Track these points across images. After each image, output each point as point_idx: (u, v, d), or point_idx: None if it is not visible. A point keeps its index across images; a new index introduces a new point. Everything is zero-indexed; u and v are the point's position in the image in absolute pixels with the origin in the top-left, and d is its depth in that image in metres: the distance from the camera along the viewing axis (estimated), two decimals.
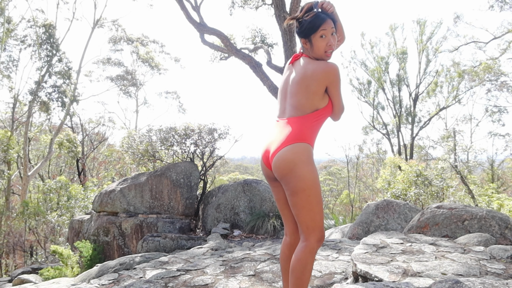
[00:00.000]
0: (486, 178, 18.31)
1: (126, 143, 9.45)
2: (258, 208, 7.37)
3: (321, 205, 1.91)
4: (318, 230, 1.84)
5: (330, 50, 1.94)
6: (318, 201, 1.86)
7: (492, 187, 12.03)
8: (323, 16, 1.92)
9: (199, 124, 8.67)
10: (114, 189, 7.93)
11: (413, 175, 9.72)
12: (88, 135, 21.73)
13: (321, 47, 1.94)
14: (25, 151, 16.21)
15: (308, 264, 1.81)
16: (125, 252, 7.34)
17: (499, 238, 3.37)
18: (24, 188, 16.13)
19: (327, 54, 1.95)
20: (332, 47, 1.93)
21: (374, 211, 5.23)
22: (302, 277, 1.80)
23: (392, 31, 19.58)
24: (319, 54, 1.96)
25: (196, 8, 10.09)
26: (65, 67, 16.78)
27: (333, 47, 1.94)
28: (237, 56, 10.00)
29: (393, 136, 20.38)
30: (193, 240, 6.56)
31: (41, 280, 6.68)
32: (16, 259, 14.29)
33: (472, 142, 18.43)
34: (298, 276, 1.80)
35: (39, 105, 16.26)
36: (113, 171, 22.24)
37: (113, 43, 22.95)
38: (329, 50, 1.94)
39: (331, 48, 1.93)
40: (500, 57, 16.19)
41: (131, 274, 3.78)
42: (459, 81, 18.23)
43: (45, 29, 16.26)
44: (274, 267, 3.31)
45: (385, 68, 19.63)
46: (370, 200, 17.30)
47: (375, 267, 2.55)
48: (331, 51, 1.95)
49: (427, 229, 3.73)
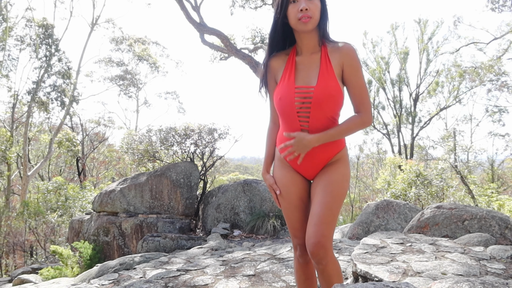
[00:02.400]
0: (486, 178, 18.30)
1: (126, 143, 9.45)
2: (258, 208, 7.37)
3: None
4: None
5: (305, 17, 1.56)
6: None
7: (492, 187, 12.02)
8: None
9: (199, 124, 8.67)
10: (114, 189, 7.93)
11: (413, 175, 9.72)
12: (88, 135, 21.73)
13: (292, 14, 1.59)
14: (25, 151, 16.20)
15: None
16: (125, 252, 7.34)
17: (499, 238, 3.37)
18: (24, 188, 16.13)
19: (302, 20, 1.57)
20: (305, 12, 1.55)
21: (374, 211, 5.23)
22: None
23: (393, 30, 19.57)
24: (293, 24, 1.61)
25: (196, 8, 10.09)
26: (64, 67, 16.76)
27: (309, 13, 1.56)
28: (237, 56, 10.01)
29: (393, 136, 20.37)
30: (193, 240, 6.56)
31: (41, 280, 6.68)
32: (16, 259, 14.28)
33: (472, 142, 18.43)
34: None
35: (38, 105, 16.24)
36: (113, 171, 22.25)
37: (114, 43, 22.95)
38: (301, 17, 1.57)
39: (305, 14, 1.56)
40: (501, 56, 16.18)
41: (131, 274, 3.78)
42: (460, 81, 18.23)
43: (44, 28, 16.26)
44: (274, 267, 3.31)
45: (385, 67, 19.62)
46: (370, 200, 17.29)
47: (375, 267, 2.55)
48: (306, 17, 1.56)
49: (427, 229, 3.73)
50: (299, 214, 1.73)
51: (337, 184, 1.63)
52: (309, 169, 1.71)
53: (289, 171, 1.73)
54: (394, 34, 19.55)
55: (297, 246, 1.77)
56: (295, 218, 1.74)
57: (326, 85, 1.59)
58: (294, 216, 1.74)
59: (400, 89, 19.74)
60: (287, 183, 1.72)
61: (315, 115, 1.61)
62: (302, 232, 1.72)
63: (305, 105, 1.61)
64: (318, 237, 1.52)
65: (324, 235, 1.53)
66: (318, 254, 1.52)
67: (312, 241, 1.53)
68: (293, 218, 1.74)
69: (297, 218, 1.73)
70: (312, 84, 1.61)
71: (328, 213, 1.56)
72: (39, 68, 16.39)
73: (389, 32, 19.74)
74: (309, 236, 1.55)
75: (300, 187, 1.73)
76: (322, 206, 1.57)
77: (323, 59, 1.64)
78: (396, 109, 19.72)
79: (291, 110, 1.63)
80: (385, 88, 19.84)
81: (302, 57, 1.68)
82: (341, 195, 1.63)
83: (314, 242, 1.52)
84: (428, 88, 19.31)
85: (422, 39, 19.05)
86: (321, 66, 1.63)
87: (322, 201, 1.59)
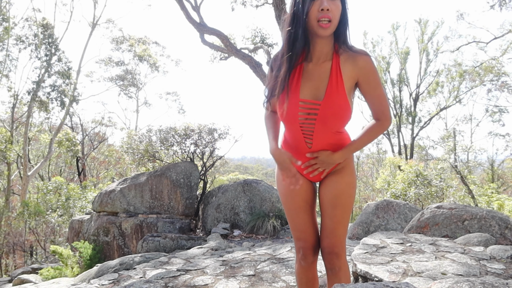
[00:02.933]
0: (486, 178, 18.31)
1: (126, 143, 9.45)
2: (258, 208, 7.37)
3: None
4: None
5: (325, 19, 1.33)
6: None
7: (492, 187, 12.02)
8: None
9: (199, 124, 8.67)
10: (114, 189, 7.93)
11: (413, 175, 9.72)
12: (88, 135, 21.74)
13: (312, 13, 1.35)
14: (25, 151, 16.21)
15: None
16: (125, 252, 7.34)
17: (499, 238, 3.37)
18: (24, 188, 16.13)
19: (321, 24, 1.35)
20: (326, 12, 1.33)
21: (374, 211, 5.23)
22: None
23: (394, 30, 19.57)
24: (311, 25, 1.38)
25: (196, 8, 10.09)
26: (64, 67, 16.75)
27: (329, 14, 1.34)
28: (237, 56, 10.01)
29: (393, 136, 20.38)
30: (193, 240, 6.56)
31: (41, 280, 6.68)
32: (16, 259, 14.29)
33: (472, 142, 18.44)
34: None
35: (38, 105, 16.24)
36: (113, 171, 22.25)
37: (115, 43, 22.96)
38: (322, 18, 1.34)
39: (325, 15, 1.33)
40: (502, 56, 16.18)
41: (131, 274, 3.78)
42: (460, 81, 18.23)
43: (44, 28, 16.25)
44: (274, 267, 3.31)
45: (386, 67, 19.63)
46: (370, 200, 17.30)
47: (375, 267, 2.55)
48: (327, 19, 1.34)
49: (427, 229, 3.73)
50: (304, 216, 1.70)
51: (344, 197, 1.64)
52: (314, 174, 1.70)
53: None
54: (395, 34, 19.56)
55: (300, 249, 1.73)
56: (300, 220, 1.70)
57: (334, 102, 1.46)
58: (299, 218, 1.70)
59: (400, 89, 19.75)
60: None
61: (320, 129, 1.53)
62: (306, 235, 1.70)
63: (309, 120, 1.52)
64: (331, 248, 1.64)
65: (337, 246, 1.65)
66: (334, 263, 1.65)
67: (326, 251, 1.66)
68: (297, 220, 1.70)
69: (302, 220, 1.70)
70: (319, 99, 1.48)
71: (339, 226, 1.65)
72: (39, 68, 16.40)
73: (390, 32, 19.76)
74: (323, 246, 1.67)
75: (305, 189, 1.68)
76: (334, 220, 1.64)
77: (333, 70, 1.47)
78: (396, 109, 19.74)
79: (294, 122, 1.55)
80: (385, 88, 19.84)
81: (312, 65, 1.51)
82: (349, 205, 1.67)
83: (328, 251, 1.65)
84: (428, 88, 19.33)
85: (422, 39, 19.06)
86: (330, 79, 1.47)
87: (332, 215, 1.64)
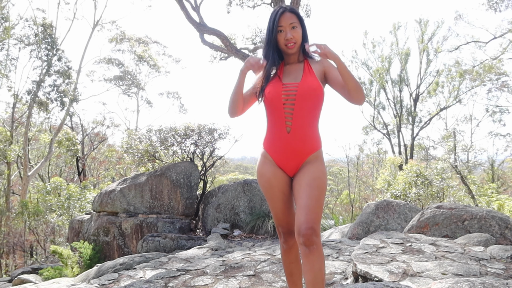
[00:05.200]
0: (486, 178, 18.29)
1: (126, 143, 9.46)
2: (258, 208, 7.37)
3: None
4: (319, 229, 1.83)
5: (290, 43, 1.92)
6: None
7: (492, 187, 12.02)
8: (278, 11, 1.93)
9: (199, 124, 8.67)
10: (114, 189, 7.93)
11: (413, 175, 9.72)
12: (88, 135, 21.74)
13: (280, 41, 1.95)
14: (25, 151, 16.20)
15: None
16: (125, 252, 7.34)
17: (499, 238, 3.37)
18: (24, 188, 16.13)
19: (288, 46, 1.94)
20: (290, 40, 1.92)
21: (374, 211, 5.23)
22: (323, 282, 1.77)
23: (395, 30, 19.55)
24: (282, 47, 1.97)
25: (196, 8, 10.09)
26: (64, 66, 16.73)
27: (293, 40, 1.92)
28: (237, 56, 10.01)
29: (393, 136, 20.37)
30: (193, 240, 6.56)
31: (41, 280, 6.68)
32: (16, 259, 14.29)
33: (472, 142, 18.41)
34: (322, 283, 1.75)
35: (37, 105, 16.23)
36: (113, 171, 22.26)
37: (115, 44, 22.94)
38: (288, 44, 1.93)
39: (290, 41, 1.92)
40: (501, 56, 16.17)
41: (131, 274, 3.78)
42: (460, 81, 18.21)
43: (44, 28, 16.24)
44: (274, 267, 3.31)
45: (387, 68, 19.62)
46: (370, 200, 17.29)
47: (375, 267, 2.55)
48: (291, 43, 1.93)
49: (427, 229, 3.73)
50: (282, 205, 1.96)
51: (320, 180, 1.85)
52: (290, 164, 1.92)
53: (272, 167, 1.95)
54: (396, 34, 19.54)
55: (281, 233, 2.02)
56: (279, 209, 1.97)
57: (309, 82, 1.90)
58: (278, 206, 1.97)
59: (401, 89, 19.74)
60: (270, 177, 1.94)
61: (299, 110, 1.88)
62: (284, 221, 1.98)
63: (290, 98, 1.89)
64: (310, 223, 1.74)
65: (315, 222, 1.76)
66: (311, 237, 1.74)
67: (304, 226, 1.75)
68: (277, 209, 1.97)
69: (280, 208, 1.96)
70: (297, 81, 1.92)
71: (316, 205, 1.80)
72: (39, 67, 16.39)
73: (391, 32, 19.73)
74: (301, 223, 1.76)
75: (282, 182, 1.94)
76: (311, 199, 1.80)
77: (306, 66, 1.98)
78: (397, 109, 19.73)
79: (278, 103, 1.90)
80: (385, 88, 19.84)
81: (289, 66, 2.02)
82: (324, 188, 1.87)
83: (307, 227, 1.74)
84: (428, 88, 19.31)
85: (422, 39, 19.04)
86: (304, 69, 1.97)
87: (310, 195, 1.81)
